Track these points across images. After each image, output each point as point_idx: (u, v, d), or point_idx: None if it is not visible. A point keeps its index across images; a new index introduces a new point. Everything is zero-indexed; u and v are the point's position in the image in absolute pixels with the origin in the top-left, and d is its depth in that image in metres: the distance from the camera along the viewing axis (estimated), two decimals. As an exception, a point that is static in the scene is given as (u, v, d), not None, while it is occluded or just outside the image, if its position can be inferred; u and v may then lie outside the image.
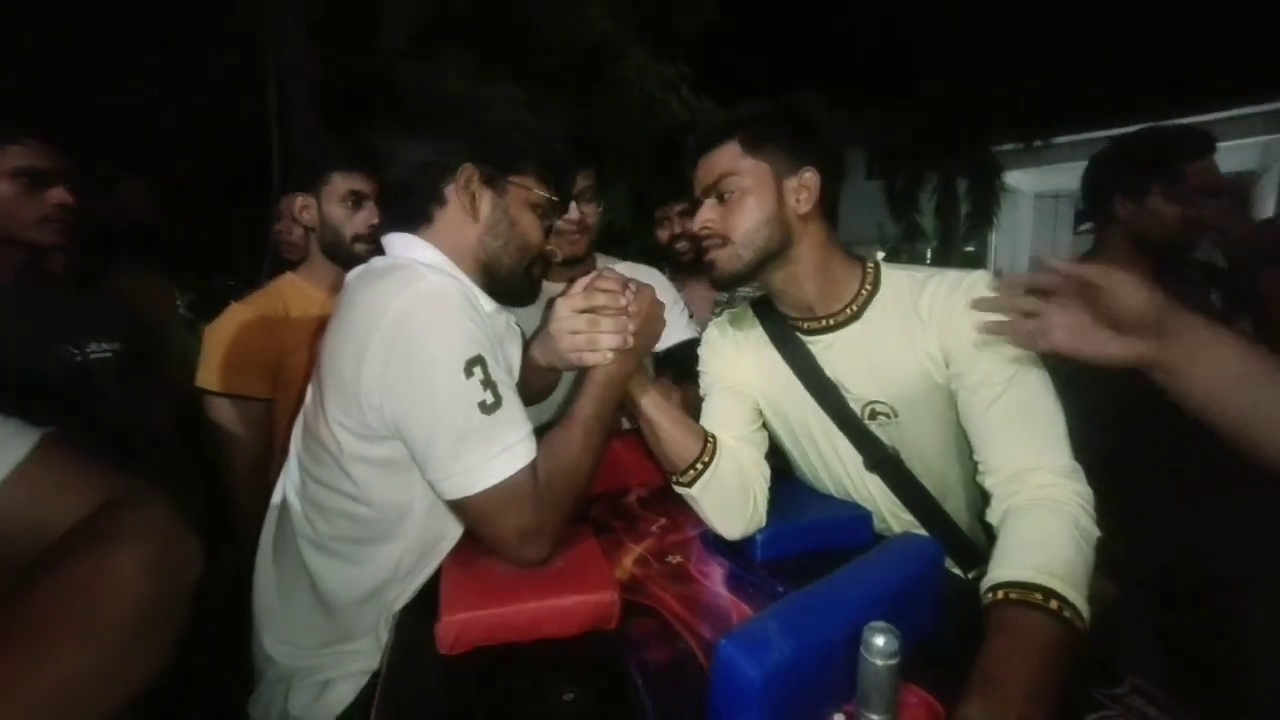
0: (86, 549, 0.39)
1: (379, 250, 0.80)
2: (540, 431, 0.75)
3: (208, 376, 1.17)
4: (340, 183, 1.22)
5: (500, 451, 0.67)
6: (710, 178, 0.84)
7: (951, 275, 0.82)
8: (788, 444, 0.99)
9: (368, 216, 1.23)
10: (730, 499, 0.84)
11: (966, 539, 0.87)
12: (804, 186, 0.82)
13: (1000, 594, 0.60)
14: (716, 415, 0.93)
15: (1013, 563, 0.62)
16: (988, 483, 0.75)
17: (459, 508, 0.70)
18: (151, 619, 0.39)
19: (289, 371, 1.19)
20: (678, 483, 0.87)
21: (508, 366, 0.79)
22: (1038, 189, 11.06)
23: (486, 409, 0.66)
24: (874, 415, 0.86)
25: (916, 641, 0.58)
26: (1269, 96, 7.42)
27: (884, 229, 11.23)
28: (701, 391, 0.99)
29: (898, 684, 0.45)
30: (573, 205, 1.18)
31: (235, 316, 1.20)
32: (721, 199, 0.84)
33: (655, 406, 0.86)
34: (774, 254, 0.84)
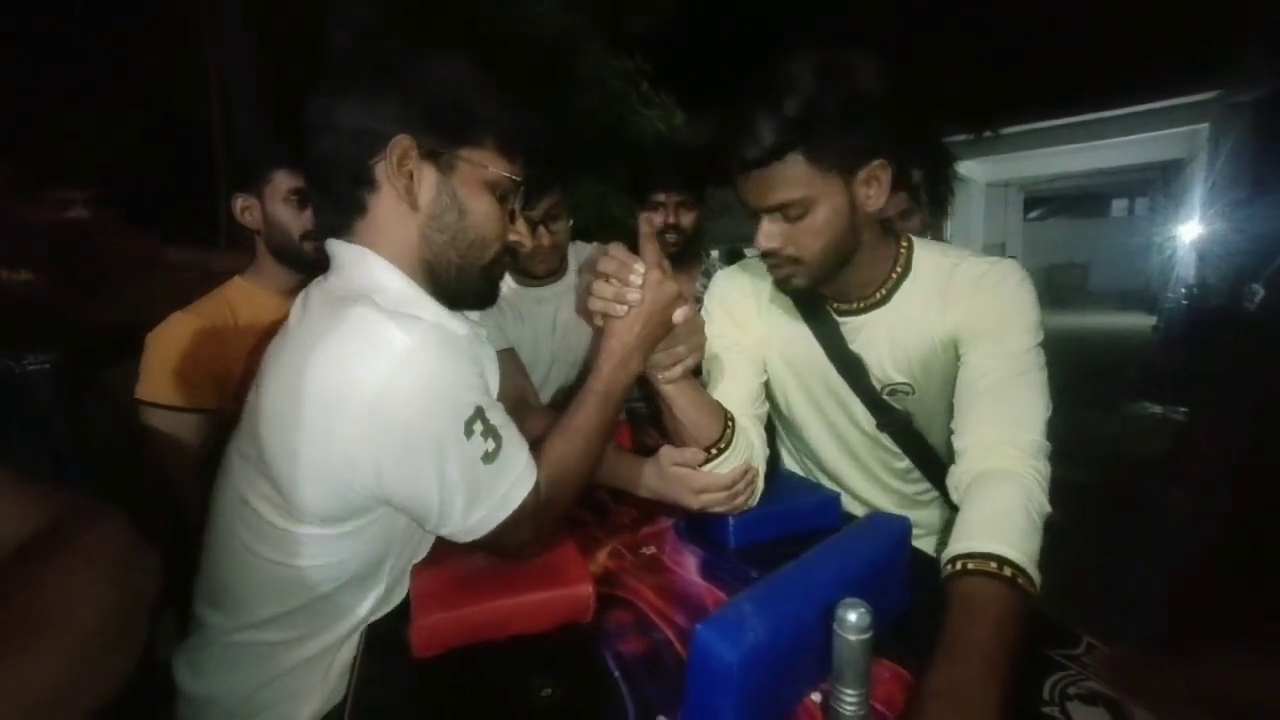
0: (42, 564, 0.38)
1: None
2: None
3: (151, 389, 1.10)
4: (283, 181, 1.17)
5: (506, 492, 0.63)
6: (773, 198, 0.74)
7: (982, 264, 0.83)
8: (793, 401, 0.97)
9: (314, 214, 1.19)
10: None
11: None
12: (874, 178, 0.76)
13: (959, 565, 0.62)
14: (728, 388, 0.89)
15: (970, 535, 0.64)
16: (957, 445, 0.77)
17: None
18: (111, 632, 0.38)
19: (238, 382, 1.14)
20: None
21: (488, 388, 0.72)
22: (989, 178, 11.46)
23: (490, 458, 0.61)
24: (893, 393, 0.88)
25: (887, 617, 0.60)
26: (1194, 89, 7.86)
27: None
28: (709, 345, 0.92)
29: (871, 658, 0.46)
30: (540, 230, 1.14)
31: (179, 325, 1.13)
32: (787, 217, 0.76)
33: (678, 388, 0.80)
34: (845, 260, 0.80)
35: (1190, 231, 8.20)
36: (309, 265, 1.19)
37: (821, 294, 0.89)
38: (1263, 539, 0.77)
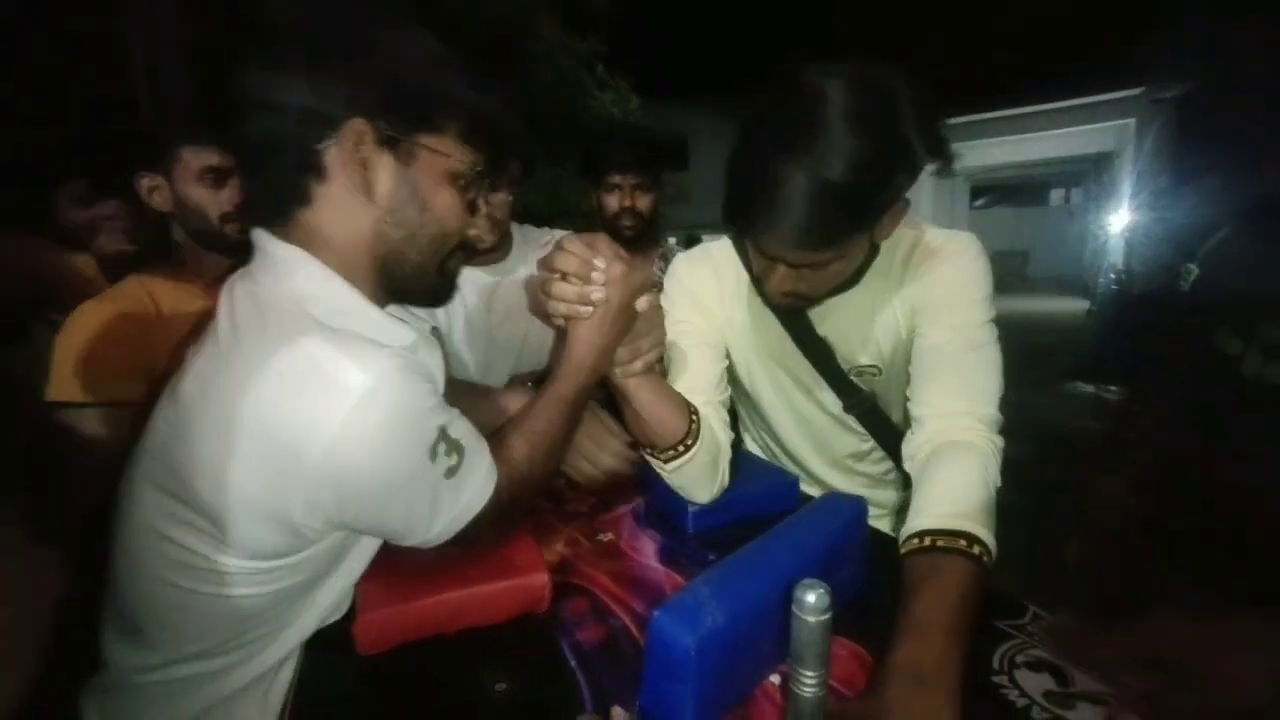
0: None
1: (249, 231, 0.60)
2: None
3: (63, 389, 0.99)
4: (192, 159, 1.07)
5: (468, 501, 0.60)
6: (809, 260, 0.70)
7: (940, 235, 0.83)
8: (757, 384, 0.96)
9: (233, 194, 1.08)
10: (704, 473, 0.81)
11: None
12: (895, 214, 0.72)
13: (927, 540, 0.62)
14: (690, 376, 0.86)
15: (936, 511, 0.64)
16: (914, 413, 0.77)
17: None
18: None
19: (163, 377, 1.05)
20: (653, 458, 0.81)
21: (439, 390, 0.66)
22: (934, 167, 11.83)
23: (452, 472, 0.57)
24: (860, 374, 0.88)
25: (845, 596, 0.60)
26: (1121, 85, 8.31)
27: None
28: (669, 332, 0.87)
29: (830, 639, 0.45)
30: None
31: (93, 315, 1.02)
32: (813, 268, 0.72)
33: (638, 382, 0.76)
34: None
35: (1119, 220, 8.68)
36: (233, 249, 1.10)
37: None
38: (1193, 513, 0.82)
